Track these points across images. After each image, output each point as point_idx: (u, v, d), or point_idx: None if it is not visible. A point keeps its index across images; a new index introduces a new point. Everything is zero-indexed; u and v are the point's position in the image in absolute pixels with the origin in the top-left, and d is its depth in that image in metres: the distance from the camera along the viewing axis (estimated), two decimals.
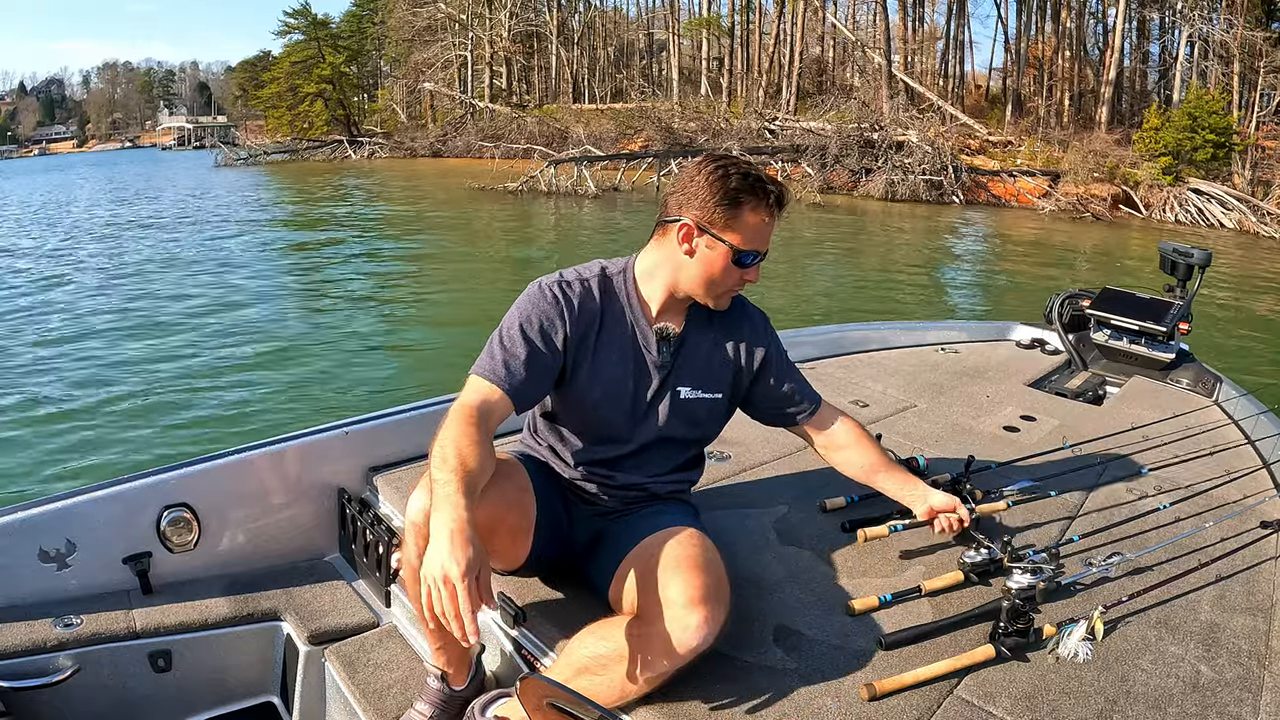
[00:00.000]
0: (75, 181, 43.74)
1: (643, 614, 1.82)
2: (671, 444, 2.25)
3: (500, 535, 2.06)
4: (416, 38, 55.10)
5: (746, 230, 2.02)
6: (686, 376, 2.19)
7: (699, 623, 1.72)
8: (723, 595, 1.82)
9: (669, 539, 1.96)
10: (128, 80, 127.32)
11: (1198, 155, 28.59)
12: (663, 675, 1.75)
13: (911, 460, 2.94)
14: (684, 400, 2.19)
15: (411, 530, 1.93)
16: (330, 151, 51.10)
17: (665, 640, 1.72)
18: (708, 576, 1.81)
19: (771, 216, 2.05)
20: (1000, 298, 15.25)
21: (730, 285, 2.10)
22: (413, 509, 1.92)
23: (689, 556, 1.87)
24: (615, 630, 1.82)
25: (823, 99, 41.08)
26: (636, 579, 1.92)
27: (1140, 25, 39.68)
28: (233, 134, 76.24)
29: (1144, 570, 2.37)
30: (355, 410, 3.51)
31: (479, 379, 2.01)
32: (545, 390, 2.10)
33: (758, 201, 2.01)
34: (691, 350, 2.20)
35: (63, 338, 10.61)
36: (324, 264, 16.70)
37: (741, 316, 2.29)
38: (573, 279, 2.13)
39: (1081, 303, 4.75)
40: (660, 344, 2.16)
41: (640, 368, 2.16)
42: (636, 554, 1.99)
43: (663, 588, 1.80)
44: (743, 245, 2.03)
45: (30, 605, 2.36)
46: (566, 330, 2.06)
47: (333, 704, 2.49)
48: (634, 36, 58.10)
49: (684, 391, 2.18)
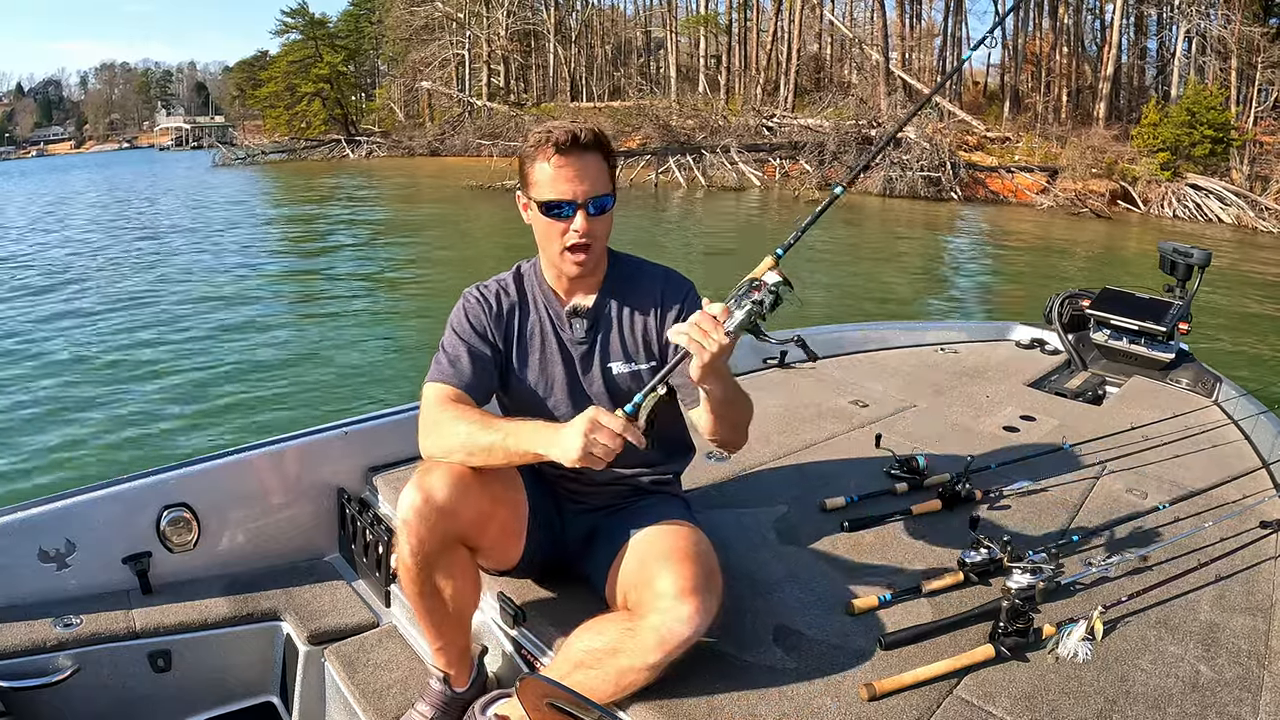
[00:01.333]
0: (73, 183, 43.62)
1: (635, 607, 1.85)
2: None
3: (493, 534, 2.08)
4: (414, 36, 54.96)
5: (543, 180, 2.01)
6: (612, 352, 2.19)
7: (690, 613, 1.74)
8: (714, 585, 1.84)
9: (659, 533, 2.00)
10: (125, 81, 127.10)
11: (1196, 151, 28.57)
12: (658, 667, 1.76)
13: (911, 460, 2.95)
14: (616, 376, 2.18)
15: (404, 529, 1.94)
16: (328, 151, 50.95)
17: (657, 632, 1.74)
18: (698, 567, 1.84)
19: (564, 159, 1.99)
20: (999, 294, 15.26)
21: (560, 242, 2.05)
22: (403, 506, 1.94)
23: (679, 548, 1.90)
24: (610, 625, 1.84)
25: (821, 96, 41.01)
26: (629, 574, 1.95)
27: (1138, 21, 39.63)
28: (231, 134, 76.03)
29: (1144, 570, 2.37)
30: (355, 410, 3.51)
31: (432, 385, 2.08)
32: (493, 382, 2.15)
33: (539, 148, 2.00)
34: (609, 323, 2.19)
35: (62, 338, 10.59)
36: (322, 264, 16.68)
37: (659, 280, 2.24)
38: (491, 283, 2.24)
39: (1081, 303, 4.76)
40: (572, 321, 2.18)
41: (564, 350, 2.18)
42: (628, 549, 2.02)
43: (653, 580, 1.82)
44: (542, 196, 2.02)
45: (30, 605, 2.36)
46: (492, 328, 2.15)
47: (332, 704, 2.49)
48: (632, 34, 58.00)
49: (615, 367, 2.18)
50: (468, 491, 1.95)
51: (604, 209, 2.06)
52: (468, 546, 2.06)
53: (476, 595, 2.16)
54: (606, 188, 2.06)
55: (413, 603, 2.07)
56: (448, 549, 1.99)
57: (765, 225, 14.93)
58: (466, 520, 1.98)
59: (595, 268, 2.16)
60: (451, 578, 2.03)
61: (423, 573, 1.98)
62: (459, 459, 1.94)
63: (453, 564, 2.03)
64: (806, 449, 3.29)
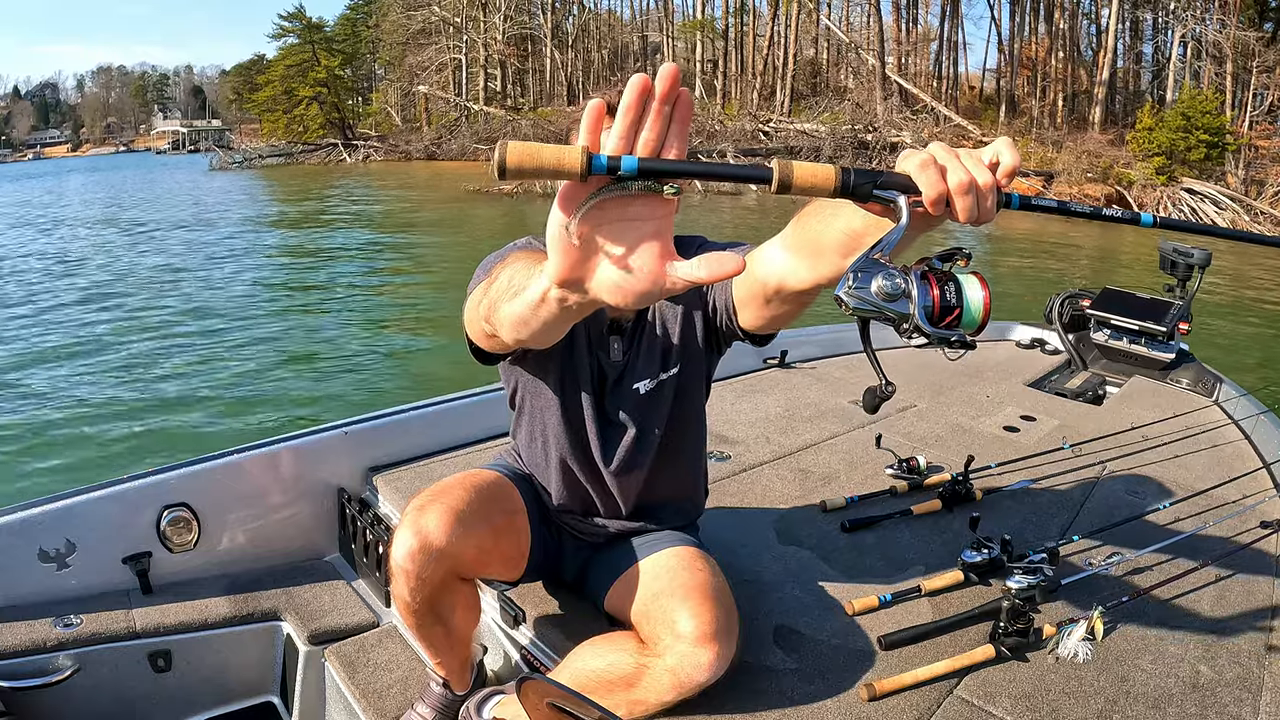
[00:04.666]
0: (69, 185, 43.58)
1: (649, 643, 1.75)
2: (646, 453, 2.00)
3: (494, 566, 2.02)
4: (411, 41, 55.07)
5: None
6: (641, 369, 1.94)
7: (710, 660, 1.67)
8: (733, 627, 1.75)
9: (675, 564, 1.89)
10: (122, 84, 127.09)
11: (1191, 155, 28.66)
12: (668, 705, 1.72)
13: (911, 460, 2.95)
14: (644, 395, 1.95)
15: (400, 576, 1.83)
16: (325, 155, 50.95)
17: (675, 675, 1.67)
18: (718, 609, 1.74)
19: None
20: (996, 294, 15.21)
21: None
22: (399, 552, 1.82)
23: (697, 585, 1.79)
24: (622, 654, 1.76)
25: (817, 101, 41.13)
26: (640, 602, 1.85)
27: (1133, 26, 39.77)
28: (227, 137, 76.10)
29: (1144, 570, 2.38)
30: (355, 410, 3.50)
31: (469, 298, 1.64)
32: None
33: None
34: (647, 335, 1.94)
35: (62, 338, 10.56)
36: (321, 266, 16.65)
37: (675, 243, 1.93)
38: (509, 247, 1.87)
39: (1081, 303, 4.77)
40: (611, 340, 1.93)
41: (596, 371, 1.94)
42: (637, 571, 1.93)
43: (671, 619, 1.73)
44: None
45: (30, 605, 2.35)
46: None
47: (332, 704, 2.48)
48: (628, 39, 58.10)
49: (643, 387, 1.94)
50: (467, 529, 1.84)
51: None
52: (466, 578, 1.99)
53: (477, 616, 2.12)
54: None
55: (413, 633, 2.02)
56: (448, 588, 1.91)
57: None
58: (468, 559, 1.88)
59: None
60: (454, 609, 1.97)
61: (423, 611, 1.90)
62: (507, 329, 1.29)
63: (455, 599, 1.96)
64: (806, 449, 3.29)
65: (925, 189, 0.97)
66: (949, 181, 0.98)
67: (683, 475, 2.12)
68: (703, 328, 1.92)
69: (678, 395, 1.97)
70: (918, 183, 0.98)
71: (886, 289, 0.97)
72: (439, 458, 3.05)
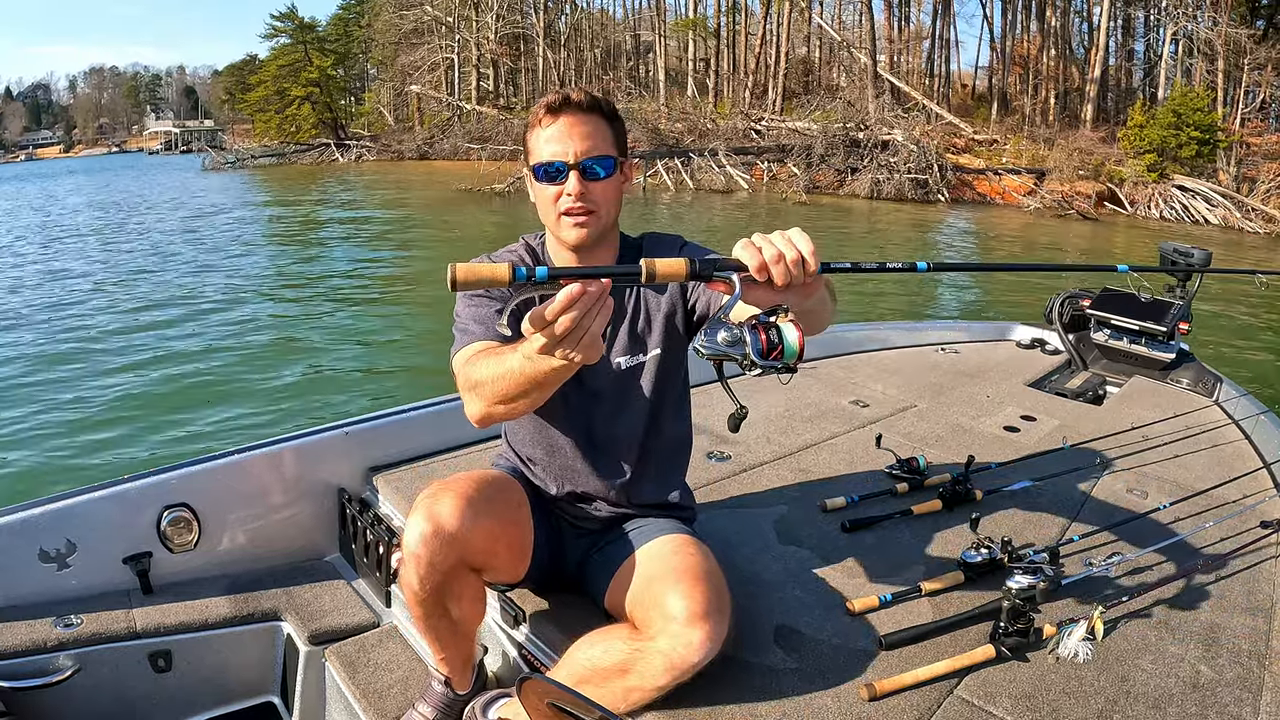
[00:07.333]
0: (65, 187, 43.47)
1: (642, 627, 1.79)
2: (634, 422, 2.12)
3: (502, 556, 2.03)
4: (403, 40, 54.88)
5: (539, 145, 1.90)
6: (618, 344, 2.07)
7: (701, 639, 1.69)
8: (724, 607, 1.78)
9: (666, 549, 1.94)
10: (114, 85, 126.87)
11: (1182, 152, 28.73)
12: (665, 689, 1.73)
13: (911, 460, 2.96)
14: (622, 370, 2.08)
15: (412, 561, 1.87)
16: (318, 155, 50.85)
17: (667, 657, 1.69)
18: (708, 589, 1.77)
19: (555, 118, 1.89)
20: (988, 295, 15.25)
21: (555, 208, 1.92)
22: (412, 537, 1.87)
23: (688, 568, 1.84)
24: (616, 641, 1.79)
25: (809, 99, 41.07)
26: (636, 591, 1.89)
27: (1125, 23, 39.93)
28: (220, 138, 75.90)
29: (1144, 570, 2.38)
30: (355, 410, 3.50)
31: (457, 355, 1.90)
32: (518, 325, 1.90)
33: (538, 115, 1.91)
34: (621, 312, 2.07)
35: (61, 339, 10.54)
36: (316, 266, 16.63)
37: (656, 243, 2.13)
38: (502, 253, 2.13)
39: (1081, 303, 4.78)
40: None
41: None
42: (635, 563, 1.96)
43: (662, 601, 1.76)
44: (535, 160, 1.91)
45: (30, 605, 2.35)
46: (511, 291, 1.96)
47: (333, 704, 2.48)
48: (620, 38, 58.16)
49: (622, 361, 2.07)
50: (477, 516, 1.89)
51: (602, 173, 1.91)
52: (474, 568, 2.00)
53: (483, 610, 2.12)
54: (606, 150, 1.91)
55: (418, 624, 2.02)
56: (457, 576, 1.94)
57: (753, 228, 14.98)
58: (477, 547, 1.91)
59: (600, 240, 1.99)
60: (461, 600, 1.98)
61: (431, 600, 1.92)
62: (499, 405, 1.70)
63: (463, 589, 1.98)
64: (806, 449, 3.29)
65: (747, 261, 1.38)
66: (764, 255, 1.38)
67: (670, 455, 2.23)
68: (683, 320, 2.10)
69: (658, 375, 2.09)
70: (741, 259, 1.39)
71: (728, 339, 1.39)
72: (439, 458, 3.04)
